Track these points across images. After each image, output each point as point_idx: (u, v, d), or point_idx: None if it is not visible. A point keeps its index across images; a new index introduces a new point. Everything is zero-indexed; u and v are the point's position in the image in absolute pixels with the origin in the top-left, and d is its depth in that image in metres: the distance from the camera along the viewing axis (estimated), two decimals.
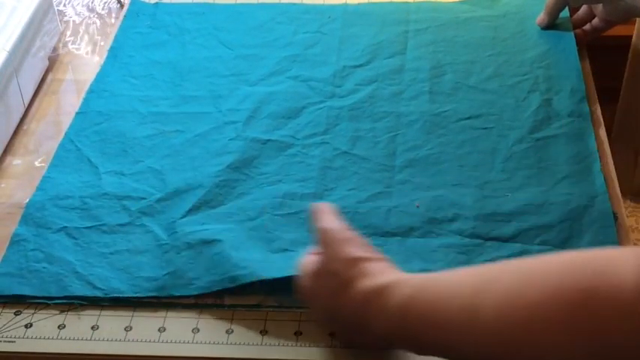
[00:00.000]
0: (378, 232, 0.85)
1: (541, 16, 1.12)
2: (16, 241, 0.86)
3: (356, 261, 0.70)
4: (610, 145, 0.95)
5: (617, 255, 0.57)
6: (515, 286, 0.59)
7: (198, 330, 0.77)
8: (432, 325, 0.63)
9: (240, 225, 0.86)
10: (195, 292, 0.80)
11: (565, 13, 1.13)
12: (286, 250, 0.83)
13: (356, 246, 0.71)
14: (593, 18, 1.13)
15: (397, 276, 0.68)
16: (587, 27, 1.13)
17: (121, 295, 0.80)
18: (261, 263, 0.80)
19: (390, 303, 0.66)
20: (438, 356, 0.66)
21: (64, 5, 1.29)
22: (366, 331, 0.69)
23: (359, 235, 0.73)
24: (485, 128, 0.97)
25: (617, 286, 0.54)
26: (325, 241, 0.72)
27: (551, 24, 1.11)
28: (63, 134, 1.00)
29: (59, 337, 0.77)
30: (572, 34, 1.10)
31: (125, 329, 0.78)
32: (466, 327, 0.61)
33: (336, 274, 0.70)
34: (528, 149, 0.94)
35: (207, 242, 0.84)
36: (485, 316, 0.59)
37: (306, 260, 0.75)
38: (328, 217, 0.74)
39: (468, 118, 0.99)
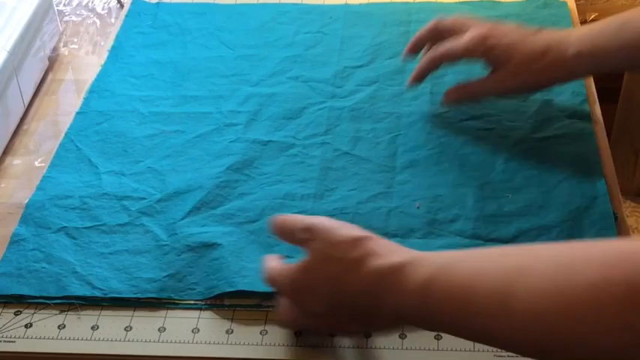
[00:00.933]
0: (379, 233, 0.85)
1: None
2: (15, 240, 0.86)
3: (359, 241, 0.67)
4: (610, 145, 0.95)
5: None
6: (554, 275, 0.57)
7: (198, 330, 0.77)
8: (457, 309, 0.61)
9: (241, 228, 0.86)
10: (195, 298, 0.80)
11: (566, 10, 1.12)
12: (286, 257, 0.83)
13: (350, 228, 0.69)
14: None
15: (415, 254, 0.66)
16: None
17: (120, 296, 0.80)
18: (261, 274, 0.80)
19: (409, 281, 0.63)
20: (459, 336, 0.64)
21: (64, 5, 1.29)
22: (375, 313, 0.66)
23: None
24: (486, 129, 0.97)
25: None
26: (313, 232, 0.70)
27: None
28: (63, 134, 1.00)
29: (59, 337, 0.77)
30: None
31: (125, 329, 0.78)
32: (496, 314, 0.59)
33: (339, 258, 0.67)
34: (529, 150, 0.93)
35: (208, 245, 0.84)
36: (519, 303, 0.57)
37: (275, 266, 0.73)
38: (294, 218, 0.73)
39: (469, 118, 0.98)
